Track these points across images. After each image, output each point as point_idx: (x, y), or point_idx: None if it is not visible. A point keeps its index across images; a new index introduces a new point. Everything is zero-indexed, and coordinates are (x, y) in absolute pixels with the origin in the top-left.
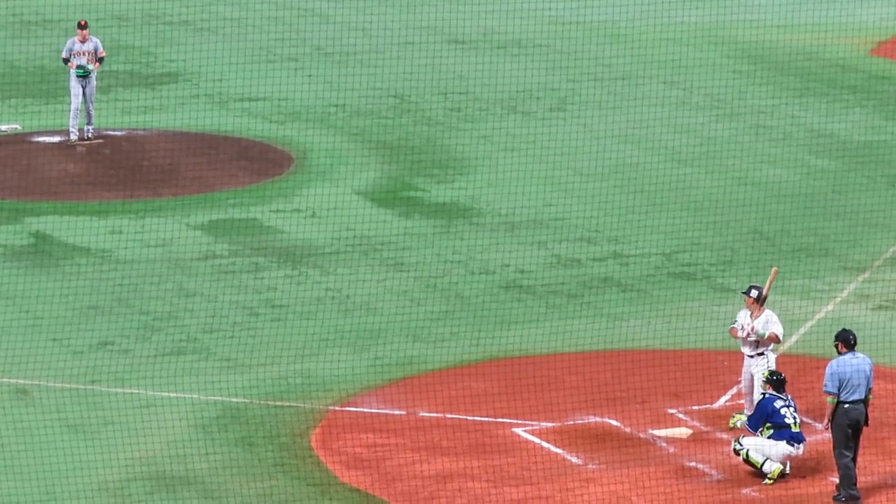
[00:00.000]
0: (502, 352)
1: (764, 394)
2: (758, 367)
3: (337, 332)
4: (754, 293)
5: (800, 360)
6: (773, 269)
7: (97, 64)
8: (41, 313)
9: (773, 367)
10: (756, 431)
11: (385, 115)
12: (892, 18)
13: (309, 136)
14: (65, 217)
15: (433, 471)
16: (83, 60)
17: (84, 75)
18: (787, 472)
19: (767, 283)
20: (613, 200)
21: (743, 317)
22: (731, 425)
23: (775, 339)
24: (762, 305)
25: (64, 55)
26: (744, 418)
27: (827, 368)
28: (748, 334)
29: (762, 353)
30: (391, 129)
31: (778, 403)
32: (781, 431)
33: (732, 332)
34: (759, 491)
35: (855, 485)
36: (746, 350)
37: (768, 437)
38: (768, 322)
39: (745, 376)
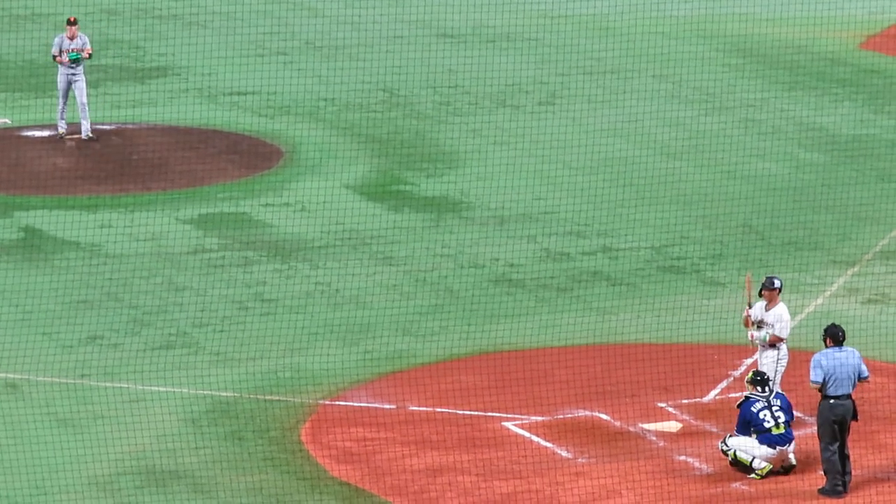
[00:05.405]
0: (492, 346)
1: (747, 397)
2: (768, 359)
3: (326, 326)
4: (777, 283)
5: (790, 353)
6: (747, 275)
7: (86, 56)
8: (31, 307)
9: (784, 358)
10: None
11: (375, 109)
12: (882, 12)
13: (298, 130)
14: (54, 211)
15: (423, 465)
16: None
17: (75, 59)
18: (794, 463)
19: (747, 290)
20: (603, 194)
21: (758, 308)
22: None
23: (777, 341)
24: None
25: (54, 51)
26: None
27: (812, 360)
28: (750, 340)
29: (773, 346)
30: (381, 123)
31: (756, 407)
32: (763, 436)
33: (746, 321)
34: (748, 485)
35: (840, 476)
36: (757, 342)
37: (755, 438)
38: (778, 315)
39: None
